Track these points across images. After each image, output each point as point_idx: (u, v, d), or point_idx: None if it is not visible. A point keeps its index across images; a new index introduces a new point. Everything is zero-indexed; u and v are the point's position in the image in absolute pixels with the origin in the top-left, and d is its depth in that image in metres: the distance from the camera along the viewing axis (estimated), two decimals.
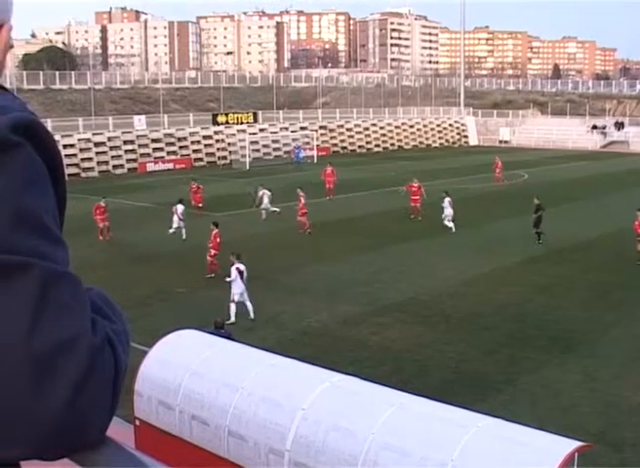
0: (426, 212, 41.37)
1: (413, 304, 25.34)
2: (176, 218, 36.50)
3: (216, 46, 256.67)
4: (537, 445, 10.26)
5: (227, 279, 24.18)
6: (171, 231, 36.19)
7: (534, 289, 27.12)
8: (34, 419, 1.23)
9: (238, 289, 23.80)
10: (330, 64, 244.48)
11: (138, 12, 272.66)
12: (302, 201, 38.02)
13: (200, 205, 44.21)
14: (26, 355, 1.21)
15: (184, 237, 35.87)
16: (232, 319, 22.97)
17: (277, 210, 40.92)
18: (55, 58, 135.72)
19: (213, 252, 29.44)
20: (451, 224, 38.08)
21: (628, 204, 42.38)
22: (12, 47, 1.50)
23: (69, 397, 1.24)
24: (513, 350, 20.85)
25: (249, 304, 23.83)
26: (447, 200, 38.88)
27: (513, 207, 44.63)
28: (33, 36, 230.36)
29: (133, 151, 71.33)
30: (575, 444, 10.26)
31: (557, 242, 34.61)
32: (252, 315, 23.69)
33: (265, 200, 41.50)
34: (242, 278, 23.84)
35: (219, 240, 29.49)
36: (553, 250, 33.27)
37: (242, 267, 24.02)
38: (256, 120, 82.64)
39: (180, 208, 36.75)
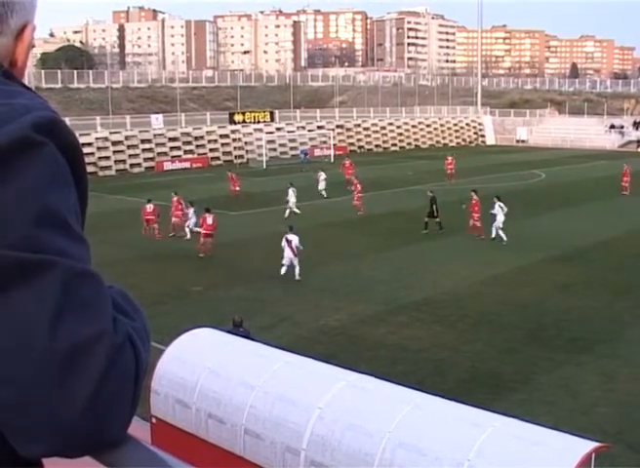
0: (445, 212, 41.32)
1: (430, 304, 25.29)
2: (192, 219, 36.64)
3: (233, 45, 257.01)
4: (553, 445, 10.22)
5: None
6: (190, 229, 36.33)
7: (552, 288, 27.02)
8: (57, 417, 1.23)
9: (286, 255, 28.73)
10: (347, 63, 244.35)
11: (155, 11, 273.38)
12: (359, 187, 41.89)
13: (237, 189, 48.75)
14: (49, 353, 1.22)
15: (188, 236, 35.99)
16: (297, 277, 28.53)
17: (297, 211, 41.17)
18: (73, 58, 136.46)
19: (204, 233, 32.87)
20: (502, 234, 35.21)
21: None
22: (33, 46, 1.51)
23: (91, 394, 1.24)
24: (531, 350, 20.78)
25: (297, 268, 28.62)
26: (497, 205, 36.35)
27: (531, 206, 44.52)
28: (51, 35, 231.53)
29: (150, 150, 71.55)
30: (592, 444, 10.22)
31: (576, 241, 34.48)
32: (297, 277, 28.46)
33: (292, 199, 42.15)
34: (290, 246, 28.63)
35: (210, 222, 32.91)
36: (572, 249, 33.13)
37: (290, 237, 28.94)
38: (272, 119, 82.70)
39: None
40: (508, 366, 19.65)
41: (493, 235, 35.87)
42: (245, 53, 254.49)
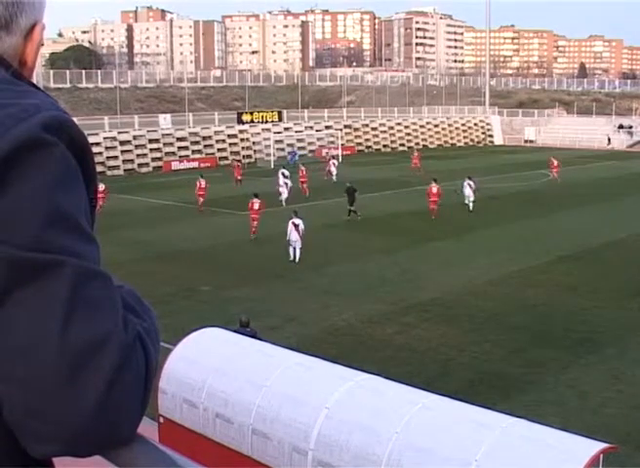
0: (452, 211, 41.35)
1: (438, 304, 25.27)
2: None
3: (241, 45, 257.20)
4: (561, 446, 10.20)
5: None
6: None
7: (561, 288, 26.97)
8: (67, 416, 1.24)
9: (293, 238, 31.21)
10: (355, 63, 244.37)
11: (163, 11, 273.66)
12: (434, 191, 42.24)
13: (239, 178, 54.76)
14: (59, 353, 1.22)
15: None
16: (290, 258, 31.15)
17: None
18: (81, 57, 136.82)
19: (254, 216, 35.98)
20: (470, 205, 43.71)
21: None
22: (42, 45, 1.51)
23: (102, 394, 1.25)
24: (539, 350, 20.74)
25: (298, 251, 31.11)
26: (466, 183, 44.62)
27: (539, 206, 44.53)
28: (60, 35, 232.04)
29: (158, 150, 71.66)
30: (600, 445, 10.19)
31: (585, 241, 34.42)
32: (296, 260, 30.96)
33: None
34: (297, 230, 31.08)
35: (256, 207, 35.88)
36: (581, 249, 33.06)
37: (297, 221, 31.52)
38: (280, 119, 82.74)
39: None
40: (516, 366, 19.62)
41: (469, 207, 43.78)
42: (253, 53, 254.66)
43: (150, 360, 1.35)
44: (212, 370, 13.57)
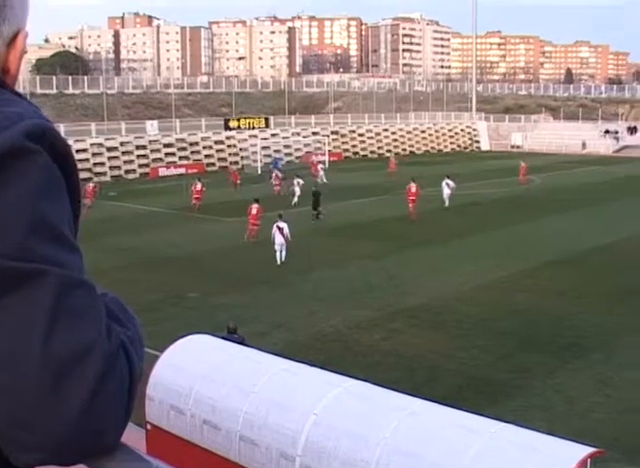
0: (437, 217, 41.43)
1: (425, 309, 25.29)
2: None
3: (228, 51, 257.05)
4: (549, 450, 10.22)
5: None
6: None
7: (548, 294, 27.03)
8: (51, 425, 1.24)
9: (277, 241, 31.72)
10: (342, 69, 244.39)
11: (150, 17, 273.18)
12: (413, 190, 43.74)
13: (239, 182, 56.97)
14: (42, 362, 1.22)
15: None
16: (277, 262, 31.61)
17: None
18: (68, 63, 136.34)
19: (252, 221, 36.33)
20: (446, 201, 46.64)
21: None
22: (25, 52, 1.50)
23: (85, 403, 1.25)
24: (526, 355, 20.78)
25: (283, 254, 31.69)
26: (444, 182, 47.35)
27: (526, 212, 44.63)
28: (46, 41, 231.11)
29: (145, 156, 71.55)
30: (587, 450, 10.22)
31: (571, 247, 34.51)
32: (278, 262, 31.46)
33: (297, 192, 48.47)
34: (282, 233, 31.58)
35: (254, 212, 36.24)
36: (567, 255, 33.14)
37: (281, 225, 31.91)
38: (267, 125, 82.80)
39: None
40: (504, 371, 19.65)
41: (446, 204, 46.44)
42: (240, 59, 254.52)
43: (134, 368, 1.35)
44: (199, 376, 13.54)
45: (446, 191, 47.21)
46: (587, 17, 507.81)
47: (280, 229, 31.89)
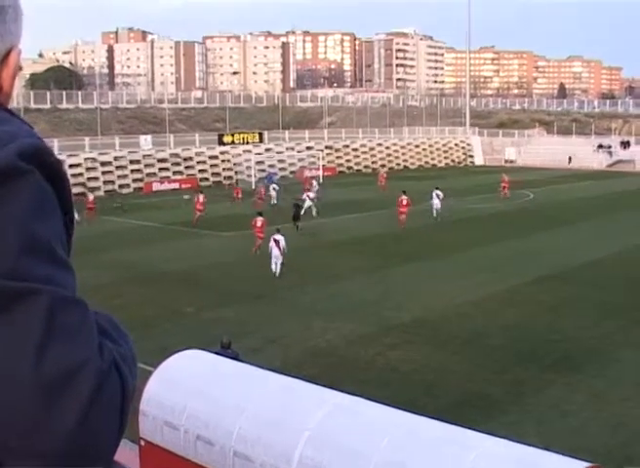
0: (431, 232, 41.49)
1: (420, 325, 25.28)
2: None
3: (222, 66, 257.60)
4: (544, 465, 10.19)
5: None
6: None
7: (541, 308, 27.04)
8: (42, 445, 1.24)
9: (273, 253, 32.09)
10: (335, 84, 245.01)
11: (144, 32, 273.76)
12: (404, 202, 45.16)
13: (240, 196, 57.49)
14: (34, 381, 1.22)
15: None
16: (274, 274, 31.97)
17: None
18: (62, 78, 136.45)
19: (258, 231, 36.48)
20: (435, 213, 47.99)
21: (636, 223, 42.47)
22: (21, 69, 1.51)
23: (78, 420, 1.25)
24: (520, 370, 20.77)
25: (279, 267, 31.90)
26: (434, 193, 48.75)
27: (519, 227, 44.68)
28: (40, 56, 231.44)
29: (139, 171, 71.58)
30: (582, 464, 10.20)
31: (565, 261, 34.54)
32: (277, 274, 31.75)
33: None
34: (278, 246, 31.88)
35: (259, 224, 36.52)
36: (561, 269, 33.17)
37: (277, 237, 32.27)
38: (261, 140, 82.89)
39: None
40: (498, 386, 19.64)
41: (435, 215, 47.86)
42: (234, 73, 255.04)
43: (127, 385, 1.35)
44: (193, 392, 13.50)
45: (435, 202, 48.53)
46: (580, 32, 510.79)
47: (276, 242, 32.18)
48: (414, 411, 12.62)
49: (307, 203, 50.20)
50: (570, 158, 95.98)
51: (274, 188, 57.56)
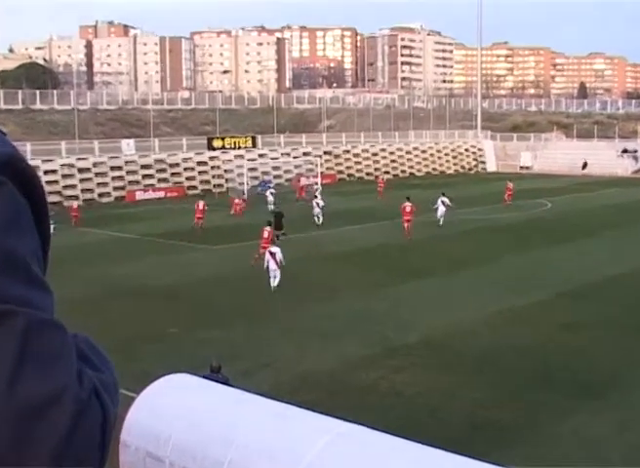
0: (438, 245, 41.50)
1: (426, 345, 25.24)
2: None
3: (211, 64, 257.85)
4: None
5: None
6: None
7: (559, 328, 26.98)
8: None
9: (271, 267, 32.42)
10: (335, 84, 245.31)
11: (126, 26, 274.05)
12: (407, 209, 45.99)
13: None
14: (7, 410, 1.22)
15: None
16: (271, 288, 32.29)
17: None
18: (35, 76, 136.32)
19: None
20: (440, 221, 49.76)
21: None
22: None
23: (54, 453, 1.24)
24: (536, 395, 20.72)
25: (276, 280, 32.28)
26: (440, 200, 50.69)
27: (535, 238, 44.71)
28: (11, 51, 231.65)
29: (120, 178, 71.59)
30: None
31: (585, 276, 34.51)
32: (273, 287, 32.11)
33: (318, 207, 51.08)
34: (274, 259, 32.21)
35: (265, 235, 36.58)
36: (581, 285, 33.12)
37: (273, 250, 32.78)
38: (254, 145, 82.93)
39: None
40: (512, 413, 19.58)
41: (440, 223, 49.54)
42: (224, 72, 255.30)
43: (108, 415, 1.35)
44: (179, 420, 13.46)
45: (441, 209, 50.36)
46: (602, 26, 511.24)
47: (272, 255, 32.51)
48: (419, 440, 12.62)
49: (316, 210, 50.91)
50: (585, 164, 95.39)
51: (272, 193, 58.96)
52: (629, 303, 30.32)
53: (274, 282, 32.40)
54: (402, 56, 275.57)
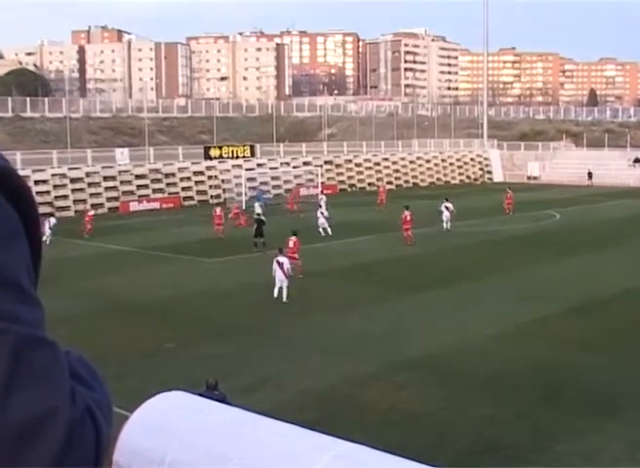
0: (444, 257, 41.44)
1: (431, 361, 25.17)
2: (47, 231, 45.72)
3: (208, 70, 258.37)
4: None
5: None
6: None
7: (570, 344, 26.92)
8: None
9: (278, 277, 32.72)
10: (336, 91, 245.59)
11: (120, 31, 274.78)
12: (407, 218, 47.19)
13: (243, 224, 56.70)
14: None
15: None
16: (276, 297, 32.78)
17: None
18: (25, 83, 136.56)
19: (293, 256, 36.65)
20: (445, 225, 52.72)
21: None
22: None
23: None
24: (547, 414, 20.64)
25: (285, 291, 32.56)
26: (443, 205, 53.49)
27: (544, 251, 44.66)
28: (0, 57, 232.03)
29: (114, 188, 71.53)
30: None
31: (596, 290, 34.46)
32: (284, 299, 32.49)
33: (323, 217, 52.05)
34: (281, 268, 32.55)
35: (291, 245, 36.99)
36: (592, 300, 33.06)
37: (281, 259, 32.94)
38: (253, 154, 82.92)
39: (52, 220, 48.84)
40: (521, 433, 19.52)
41: (445, 227, 52.47)
42: (222, 79, 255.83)
43: (101, 435, 1.33)
44: (174, 440, 13.39)
45: (445, 214, 53.07)
46: (613, 31, 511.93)
47: (280, 264, 32.83)
48: (424, 462, 12.53)
49: (320, 221, 51.52)
50: (589, 174, 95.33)
51: (260, 205, 59.19)
52: None
53: (283, 293, 32.76)
54: (405, 62, 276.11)
